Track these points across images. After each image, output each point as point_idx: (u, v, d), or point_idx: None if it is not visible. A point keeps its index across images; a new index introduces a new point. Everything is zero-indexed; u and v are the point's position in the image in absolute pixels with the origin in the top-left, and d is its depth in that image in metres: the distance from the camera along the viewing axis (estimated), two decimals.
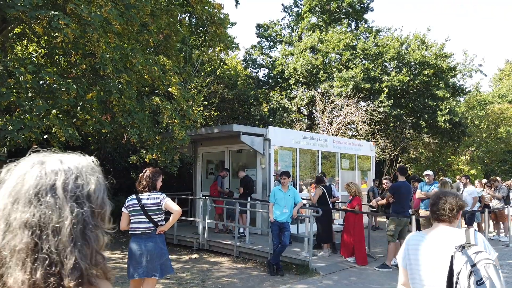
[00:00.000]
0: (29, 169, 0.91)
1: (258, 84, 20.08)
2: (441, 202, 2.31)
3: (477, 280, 1.86)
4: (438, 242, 2.20)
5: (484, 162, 23.86)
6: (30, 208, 0.85)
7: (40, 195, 0.86)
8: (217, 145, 10.92)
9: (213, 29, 10.74)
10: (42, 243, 0.83)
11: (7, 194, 0.87)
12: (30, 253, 0.82)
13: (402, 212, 7.09)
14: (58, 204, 0.86)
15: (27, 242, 0.82)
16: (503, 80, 36.78)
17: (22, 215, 0.84)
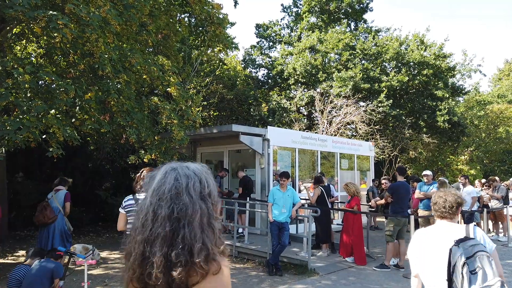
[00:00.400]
0: (166, 174, 1.23)
1: (258, 84, 20.08)
2: (442, 201, 2.57)
3: (471, 270, 2.11)
4: (440, 236, 2.47)
5: (483, 162, 23.87)
6: (172, 205, 1.16)
7: (177, 194, 1.17)
8: (216, 145, 10.92)
9: (212, 29, 10.75)
10: (179, 230, 1.13)
11: (153, 193, 1.19)
12: (169, 238, 1.13)
13: (400, 212, 7.10)
14: (191, 201, 1.17)
15: (168, 230, 1.13)
16: (503, 80, 36.80)
17: (166, 210, 1.15)
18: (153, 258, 1.12)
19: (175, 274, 1.10)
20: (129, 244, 1.20)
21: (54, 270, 4.51)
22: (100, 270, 7.04)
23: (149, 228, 1.16)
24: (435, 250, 2.42)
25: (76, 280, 6.24)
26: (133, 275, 1.16)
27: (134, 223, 1.22)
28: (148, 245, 1.14)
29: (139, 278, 1.15)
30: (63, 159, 8.17)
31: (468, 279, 2.11)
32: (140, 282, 1.15)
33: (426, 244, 2.50)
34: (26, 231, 11.12)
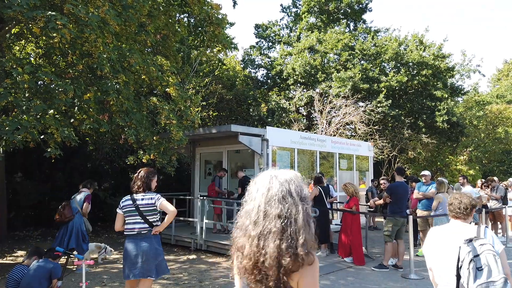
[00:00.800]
0: (270, 180, 1.48)
1: (257, 85, 20.09)
2: (457, 202, 2.82)
3: (478, 267, 2.31)
4: (452, 235, 2.68)
5: (482, 163, 23.90)
6: (280, 206, 1.41)
7: (283, 197, 1.43)
8: (215, 146, 10.92)
9: (211, 30, 10.77)
10: (287, 227, 1.39)
11: (262, 196, 1.45)
12: (280, 233, 1.39)
13: (399, 212, 7.10)
14: (294, 203, 1.43)
15: (279, 227, 1.40)
16: (502, 81, 36.85)
17: (275, 210, 1.41)
18: (267, 249, 1.40)
19: (284, 263, 1.37)
20: (240, 239, 1.48)
21: (52, 271, 4.50)
22: (99, 270, 7.04)
23: (261, 225, 1.43)
24: (447, 247, 2.63)
25: (74, 280, 6.23)
26: (248, 263, 1.42)
27: (243, 221, 1.50)
28: (262, 238, 1.42)
29: (254, 265, 1.42)
30: (62, 160, 8.18)
31: (474, 275, 2.31)
32: (253, 269, 1.42)
33: (439, 241, 2.72)
34: (25, 231, 11.12)
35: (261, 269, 1.40)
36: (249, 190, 1.55)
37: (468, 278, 2.33)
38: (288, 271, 1.39)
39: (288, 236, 1.40)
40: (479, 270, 2.31)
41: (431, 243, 2.79)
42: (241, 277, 1.52)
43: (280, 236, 1.40)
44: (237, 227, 1.53)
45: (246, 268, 1.45)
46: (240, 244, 1.48)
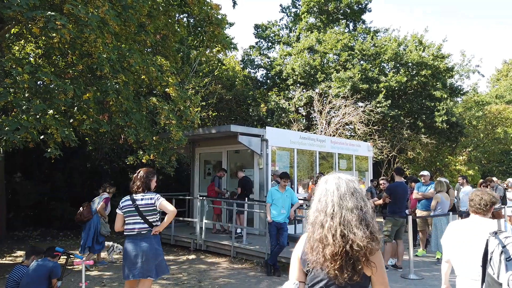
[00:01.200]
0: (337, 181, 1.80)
1: (256, 85, 20.09)
2: (478, 199, 2.99)
3: (507, 257, 2.41)
4: (474, 229, 2.87)
5: (481, 163, 23.91)
6: (352, 199, 1.73)
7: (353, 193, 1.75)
8: (214, 146, 10.93)
9: (211, 30, 10.76)
10: (363, 217, 1.70)
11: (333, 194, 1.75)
12: (359, 222, 1.69)
13: (398, 212, 7.11)
14: (361, 198, 1.75)
15: (356, 217, 1.69)
16: (501, 81, 36.88)
17: (350, 203, 1.72)
18: (354, 236, 1.67)
19: (370, 246, 1.67)
20: (318, 231, 1.74)
21: (52, 270, 4.50)
22: (98, 271, 7.04)
23: (338, 216, 1.71)
24: (469, 240, 2.82)
25: (74, 280, 6.23)
26: (334, 250, 1.66)
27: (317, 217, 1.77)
28: (345, 227, 1.69)
29: (338, 252, 1.66)
30: (61, 160, 8.18)
31: (505, 265, 2.39)
32: (335, 256, 1.66)
33: (459, 235, 2.91)
34: (24, 232, 11.11)
35: (346, 254, 1.66)
36: (318, 191, 1.84)
37: (499, 268, 2.40)
38: (371, 254, 1.68)
39: (364, 224, 1.70)
40: (508, 260, 2.38)
41: (451, 237, 2.96)
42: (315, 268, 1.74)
43: (359, 225, 1.69)
44: (311, 223, 1.79)
45: (327, 257, 1.67)
46: (319, 236, 1.72)
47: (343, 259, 1.65)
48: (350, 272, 1.66)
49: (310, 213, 1.82)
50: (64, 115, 7.06)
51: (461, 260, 2.86)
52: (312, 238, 1.75)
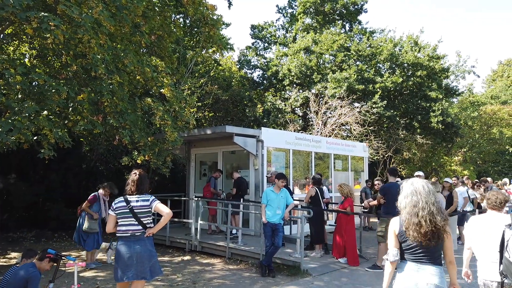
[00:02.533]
0: (421, 183, 2.93)
1: (253, 85, 20.09)
2: (494, 198, 3.80)
3: None
4: (492, 222, 3.66)
5: (476, 163, 24.03)
6: (432, 197, 2.86)
7: (431, 191, 2.89)
8: (210, 146, 10.92)
9: (206, 30, 10.77)
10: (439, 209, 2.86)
11: (421, 194, 2.87)
12: (438, 212, 2.84)
13: (392, 212, 7.09)
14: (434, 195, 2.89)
15: (436, 209, 2.84)
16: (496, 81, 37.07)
17: (431, 199, 2.85)
18: (435, 221, 2.79)
19: (446, 227, 2.83)
20: (413, 219, 2.82)
21: (28, 280, 4.40)
22: (92, 272, 7.02)
23: (427, 208, 2.81)
24: (488, 230, 3.60)
25: (68, 282, 6.21)
26: (426, 230, 2.76)
27: (411, 209, 2.86)
28: (431, 216, 2.79)
29: (430, 230, 2.78)
30: (56, 160, 8.15)
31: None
32: (427, 234, 2.79)
33: (480, 227, 3.69)
34: (19, 233, 11.06)
35: (433, 233, 2.79)
36: (407, 189, 2.99)
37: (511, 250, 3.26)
38: (445, 228, 2.83)
39: (440, 212, 2.85)
40: None
41: (473, 228, 3.75)
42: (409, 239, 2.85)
43: (438, 213, 2.83)
44: (407, 212, 2.89)
45: (421, 234, 2.79)
46: (417, 221, 2.81)
47: (431, 234, 2.82)
48: (435, 240, 2.84)
49: (402, 203, 3.01)
50: (59, 116, 7.03)
51: (482, 247, 3.62)
52: (411, 222, 2.85)
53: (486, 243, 3.57)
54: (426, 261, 2.88)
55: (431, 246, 2.84)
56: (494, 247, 3.42)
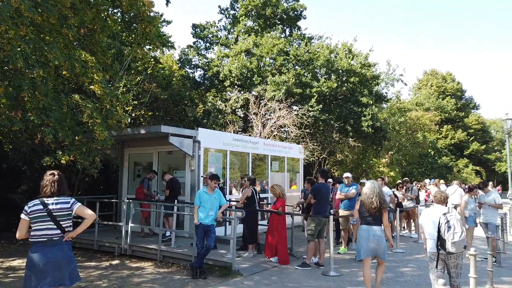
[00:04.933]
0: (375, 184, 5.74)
1: (194, 85, 19.86)
2: (439, 195, 5.21)
3: (449, 226, 4.77)
4: (435, 212, 5.03)
5: (402, 165, 25.96)
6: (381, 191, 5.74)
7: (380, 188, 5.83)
8: (145, 146, 10.62)
9: (142, 27, 10.42)
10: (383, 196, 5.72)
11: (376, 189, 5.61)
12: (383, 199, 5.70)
13: (322, 212, 7.45)
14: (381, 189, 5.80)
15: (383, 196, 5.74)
16: (421, 90, 40.34)
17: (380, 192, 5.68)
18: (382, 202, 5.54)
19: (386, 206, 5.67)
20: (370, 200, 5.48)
21: None
22: (9, 279, 6.49)
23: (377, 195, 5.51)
24: (433, 218, 5.04)
25: None
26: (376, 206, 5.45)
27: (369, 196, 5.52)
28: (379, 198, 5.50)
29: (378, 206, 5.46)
30: None
31: (447, 229, 4.78)
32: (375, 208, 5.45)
33: (429, 215, 5.14)
34: None
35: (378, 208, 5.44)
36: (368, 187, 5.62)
37: (444, 231, 4.79)
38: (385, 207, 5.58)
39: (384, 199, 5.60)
40: (449, 227, 4.78)
41: (425, 216, 5.21)
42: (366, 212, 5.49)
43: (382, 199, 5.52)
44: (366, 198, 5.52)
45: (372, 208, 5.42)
46: (370, 201, 5.45)
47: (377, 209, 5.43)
48: (379, 212, 5.44)
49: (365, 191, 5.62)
50: None
51: (428, 230, 5.12)
52: (368, 201, 5.46)
53: (431, 226, 5.04)
54: (373, 224, 5.51)
55: (376, 215, 5.51)
56: (435, 228, 4.91)
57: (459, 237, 4.69)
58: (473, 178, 33.50)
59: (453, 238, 4.69)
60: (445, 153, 33.29)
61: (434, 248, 4.95)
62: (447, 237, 4.73)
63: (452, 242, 4.70)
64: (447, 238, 4.74)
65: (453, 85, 45.59)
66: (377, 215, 5.43)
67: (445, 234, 4.73)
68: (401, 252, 8.94)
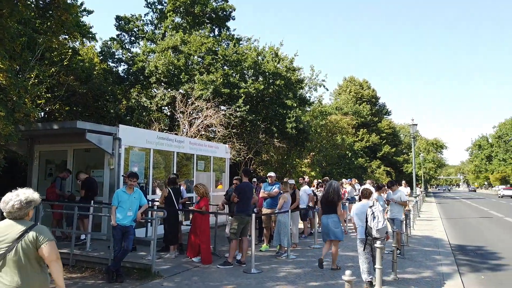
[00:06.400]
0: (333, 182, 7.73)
1: (117, 80, 18.87)
2: (365, 191, 6.58)
3: (374, 216, 5.84)
4: (363, 205, 6.29)
5: (322, 165, 27.48)
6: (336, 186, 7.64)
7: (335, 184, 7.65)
8: (59, 143, 9.84)
9: (58, 15, 9.65)
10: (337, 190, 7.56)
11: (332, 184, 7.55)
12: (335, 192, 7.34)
13: (245, 211, 7.57)
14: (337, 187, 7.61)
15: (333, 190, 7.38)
16: (341, 95, 43.07)
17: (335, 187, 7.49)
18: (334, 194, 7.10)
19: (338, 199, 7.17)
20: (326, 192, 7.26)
21: None
22: None
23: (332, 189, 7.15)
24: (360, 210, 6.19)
25: None
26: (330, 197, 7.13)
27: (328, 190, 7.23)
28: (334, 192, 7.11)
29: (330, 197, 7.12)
30: None
31: (373, 219, 5.81)
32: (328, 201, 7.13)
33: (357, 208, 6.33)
34: None
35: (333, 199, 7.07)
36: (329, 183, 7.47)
37: (371, 220, 5.82)
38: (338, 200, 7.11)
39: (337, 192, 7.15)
40: (373, 217, 5.82)
41: (355, 209, 6.33)
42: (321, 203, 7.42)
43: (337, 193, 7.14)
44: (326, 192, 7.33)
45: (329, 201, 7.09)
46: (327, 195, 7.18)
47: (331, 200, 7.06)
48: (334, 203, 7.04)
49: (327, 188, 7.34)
50: None
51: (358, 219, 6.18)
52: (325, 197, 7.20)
53: (360, 217, 6.15)
54: (329, 212, 7.05)
55: (331, 205, 7.02)
56: (364, 218, 5.98)
57: (382, 225, 5.76)
58: (384, 178, 36.67)
59: (378, 226, 5.75)
60: (360, 155, 35.96)
61: (363, 234, 5.97)
62: (373, 226, 5.77)
63: (376, 229, 5.75)
64: (373, 226, 5.77)
65: (368, 92, 49.45)
66: (332, 206, 7.04)
67: (372, 223, 5.78)
68: (319, 247, 9.44)
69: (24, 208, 2.79)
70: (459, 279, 6.75)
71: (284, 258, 8.15)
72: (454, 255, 9.21)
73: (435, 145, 60.83)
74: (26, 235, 2.70)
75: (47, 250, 2.73)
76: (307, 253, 8.85)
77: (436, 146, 61.03)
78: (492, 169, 73.43)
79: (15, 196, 2.78)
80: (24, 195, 2.81)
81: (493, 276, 7.35)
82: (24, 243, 2.69)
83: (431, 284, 6.30)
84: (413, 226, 13.37)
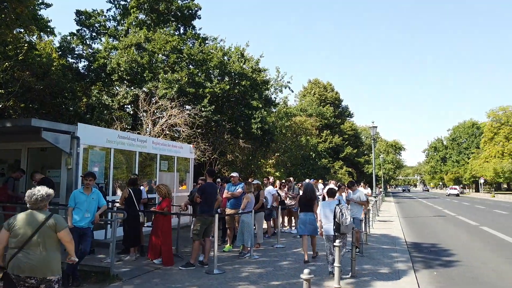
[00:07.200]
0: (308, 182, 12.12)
1: (77, 77, 18.17)
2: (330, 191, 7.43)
3: (342, 214, 6.37)
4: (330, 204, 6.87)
5: (287, 166, 27.86)
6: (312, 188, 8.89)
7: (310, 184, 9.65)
8: (11, 142, 9.36)
9: (13, 7, 9.20)
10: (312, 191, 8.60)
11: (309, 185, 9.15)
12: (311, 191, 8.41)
13: (208, 211, 7.52)
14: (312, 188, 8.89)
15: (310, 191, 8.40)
16: (306, 97, 43.83)
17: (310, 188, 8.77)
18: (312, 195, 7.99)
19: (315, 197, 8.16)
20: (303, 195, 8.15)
21: None
22: None
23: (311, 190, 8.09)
24: (324, 207, 6.92)
25: None
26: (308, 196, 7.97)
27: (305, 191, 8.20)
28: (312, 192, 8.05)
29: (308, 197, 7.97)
30: None
31: (341, 216, 6.34)
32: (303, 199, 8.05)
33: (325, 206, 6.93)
34: None
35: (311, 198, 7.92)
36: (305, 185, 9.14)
37: (339, 217, 6.31)
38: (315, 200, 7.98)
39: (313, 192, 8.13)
40: (342, 214, 6.31)
41: (322, 208, 6.94)
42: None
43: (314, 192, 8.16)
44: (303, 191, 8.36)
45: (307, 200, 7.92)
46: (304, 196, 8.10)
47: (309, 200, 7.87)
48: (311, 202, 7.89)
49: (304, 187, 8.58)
50: None
51: (325, 217, 6.79)
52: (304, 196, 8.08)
53: (328, 214, 6.71)
54: (307, 210, 7.76)
55: (309, 204, 7.79)
56: (330, 216, 6.56)
57: (348, 221, 6.35)
58: (347, 178, 37.70)
59: (346, 222, 6.32)
60: (324, 156, 36.76)
61: (331, 231, 6.58)
62: (341, 222, 6.34)
63: (345, 226, 6.33)
64: (341, 223, 6.34)
65: (332, 94, 50.70)
66: (310, 205, 7.82)
67: (340, 219, 6.33)
68: (281, 247, 9.56)
69: (45, 200, 3.60)
70: (413, 275, 7.07)
71: (247, 258, 8.18)
72: (410, 252, 9.62)
73: (394, 146, 63.41)
74: (48, 222, 3.50)
75: (64, 233, 3.58)
76: (270, 252, 8.94)
77: (395, 148, 63.65)
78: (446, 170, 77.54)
79: (37, 191, 3.57)
80: (44, 190, 3.61)
81: (445, 272, 7.75)
82: (46, 227, 3.48)
83: (387, 281, 6.56)
84: (372, 225, 13.85)
